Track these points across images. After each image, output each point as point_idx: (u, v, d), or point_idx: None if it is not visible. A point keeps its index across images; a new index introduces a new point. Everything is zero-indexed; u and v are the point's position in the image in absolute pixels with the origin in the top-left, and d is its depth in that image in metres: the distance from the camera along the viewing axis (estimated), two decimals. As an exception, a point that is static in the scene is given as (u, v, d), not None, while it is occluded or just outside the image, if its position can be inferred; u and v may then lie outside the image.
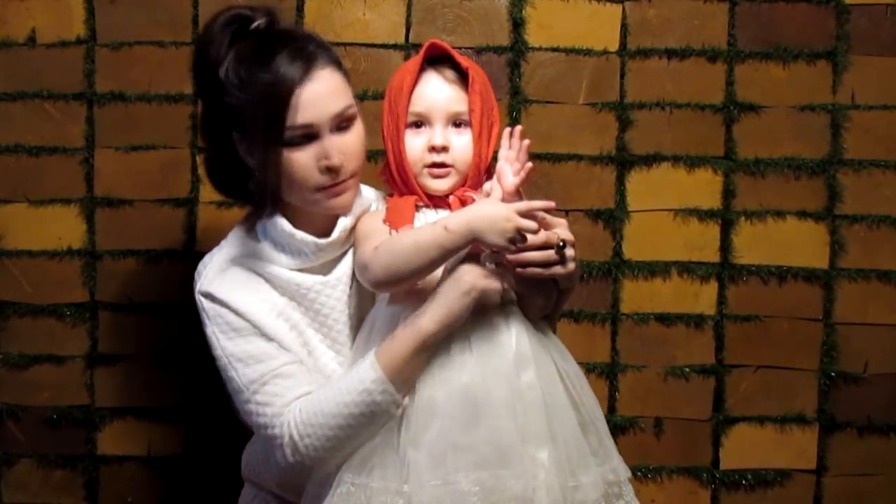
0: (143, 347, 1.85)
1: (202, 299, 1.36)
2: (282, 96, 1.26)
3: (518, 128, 1.29)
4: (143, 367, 1.85)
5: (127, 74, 1.82)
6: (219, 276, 1.37)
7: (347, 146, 1.32)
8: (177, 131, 1.83)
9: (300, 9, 1.82)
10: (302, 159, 1.30)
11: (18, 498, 1.86)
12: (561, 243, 1.24)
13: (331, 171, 1.30)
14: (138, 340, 1.85)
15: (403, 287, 1.27)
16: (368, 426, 1.24)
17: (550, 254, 1.24)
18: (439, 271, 1.27)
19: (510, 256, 1.23)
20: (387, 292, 1.31)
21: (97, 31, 1.82)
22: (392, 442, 1.21)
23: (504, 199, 1.26)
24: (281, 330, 1.33)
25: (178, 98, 1.82)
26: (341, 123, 1.32)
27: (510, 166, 1.28)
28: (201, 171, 1.82)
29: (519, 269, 1.24)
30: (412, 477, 1.17)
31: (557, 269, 1.25)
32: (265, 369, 1.30)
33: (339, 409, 1.23)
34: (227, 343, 1.33)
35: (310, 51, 1.31)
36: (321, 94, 1.29)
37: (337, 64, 1.36)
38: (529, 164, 1.28)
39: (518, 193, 1.28)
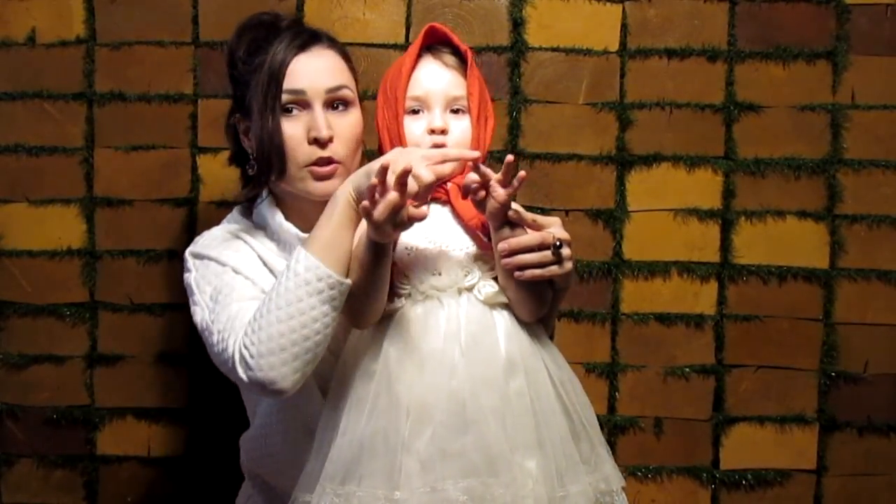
0: (143, 347, 1.85)
1: (189, 257, 1.38)
2: (279, 61, 1.31)
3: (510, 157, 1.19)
4: (143, 367, 1.85)
5: (127, 74, 1.82)
6: (211, 242, 1.39)
7: (340, 127, 1.34)
8: (177, 131, 1.83)
9: (300, 9, 1.82)
10: (292, 129, 1.32)
11: (18, 498, 1.86)
12: (557, 243, 1.22)
13: (318, 143, 1.32)
14: (138, 340, 1.85)
15: (374, 308, 1.23)
16: (311, 319, 1.17)
17: (547, 254, 1.21)
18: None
19: (506, 260, 1.21)
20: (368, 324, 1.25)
21: (97, 31, 1.82)
22: (377, 449, 1.17)
23: (497, 208, 1.21)
24: (262, 275, 1.34)
25: (178, 98, 1.82)
26: (335, 102, 1.35)
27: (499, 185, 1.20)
28: (201, 171, 1.83)
29: (517, 273, 1.21)
30: (403, 483, 1.14)
31: (554, 269, 1.22)
32: (230, 297, 1.28)
33: (283, 304, 1.17)
34: (205, 286, 1.33)
35: (315, 32, 1.38)
36: (316, 66, 1.34)
37: (343, 54, 1.40)
38: (523, 173, 1.19)
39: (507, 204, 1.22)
